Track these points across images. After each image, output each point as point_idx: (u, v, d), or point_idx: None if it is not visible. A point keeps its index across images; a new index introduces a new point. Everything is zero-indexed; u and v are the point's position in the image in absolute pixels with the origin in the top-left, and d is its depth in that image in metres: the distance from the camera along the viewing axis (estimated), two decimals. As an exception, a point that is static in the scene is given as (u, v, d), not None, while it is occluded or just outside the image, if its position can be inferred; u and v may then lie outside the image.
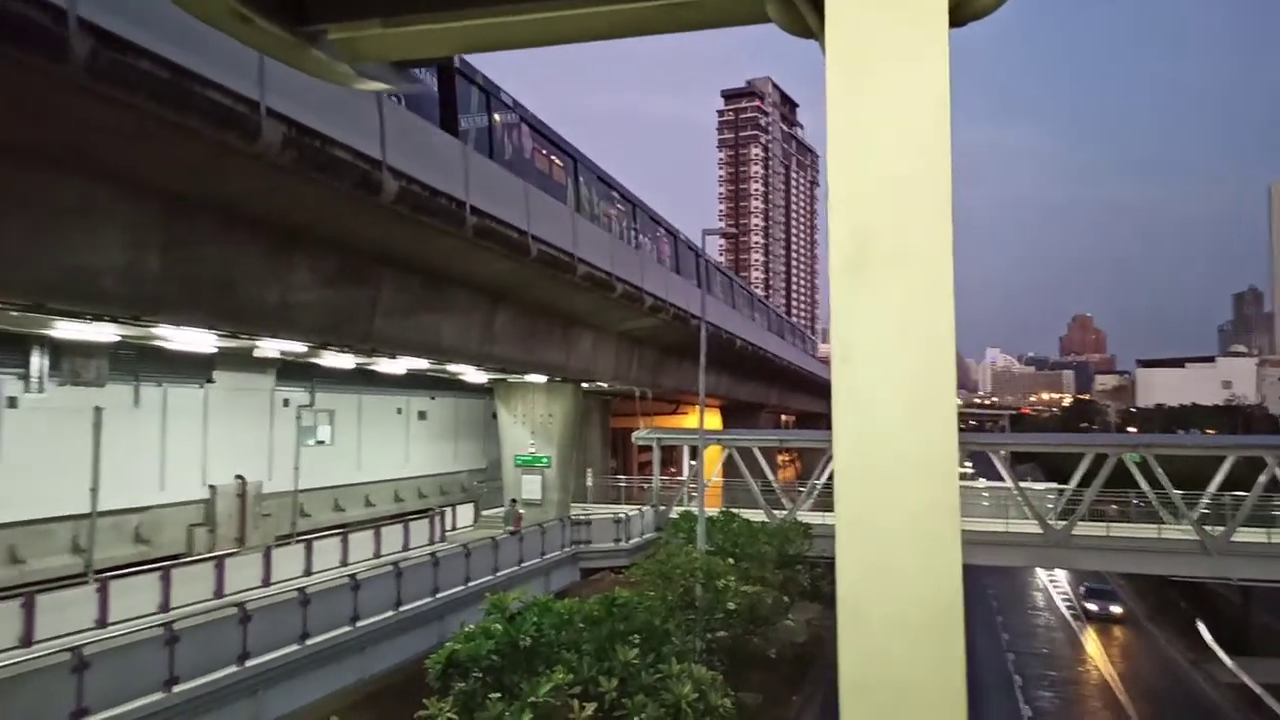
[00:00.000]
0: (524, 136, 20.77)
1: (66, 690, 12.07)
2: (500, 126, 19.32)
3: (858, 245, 1.42)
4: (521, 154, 20.55)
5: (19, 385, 19.48)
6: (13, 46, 7.97)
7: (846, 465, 1.41)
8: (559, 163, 22.95)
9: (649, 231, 29.97)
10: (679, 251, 33.45)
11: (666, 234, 32.62)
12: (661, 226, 31.89)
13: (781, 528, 28.14)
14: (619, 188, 27.39)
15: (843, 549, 1.41)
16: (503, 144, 19.47)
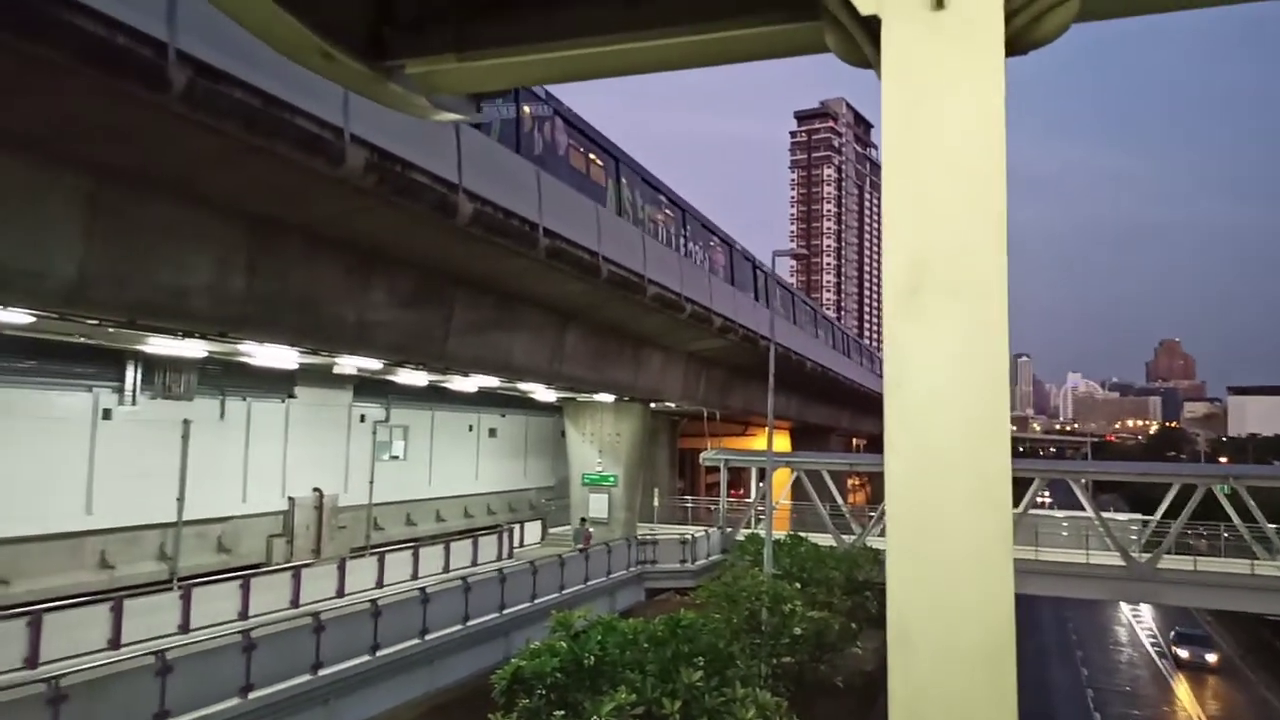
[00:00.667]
0: (557, 131, 18.86)
1: (151, 692, 12.54)
2: (529, 119, 17.52)
3: (912, 272, 1.44)
4: (554, 151, 18.54)
5: (113, 398, 20.42)
6: (116, 78, 8.45)
7: (898, 491, 1.43)
8: (597, 161, 20.89)
9: (700, 239, 27.95)
10: (734, 262, 31.44)
11: (721, 244, 30.48)
12: (716, 235, 29.97)
13: (850, 553, 27.65)
14: (666, 191, 25.82)
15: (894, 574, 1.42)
16: (531, 138, 17.51)
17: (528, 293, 19.49)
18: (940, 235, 1.47)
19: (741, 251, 32.54)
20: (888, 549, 1.45)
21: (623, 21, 2.01)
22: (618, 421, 30.77)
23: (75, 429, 19.71)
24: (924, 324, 1.45)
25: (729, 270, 30.43)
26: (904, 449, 1.43)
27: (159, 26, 8.72)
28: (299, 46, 1.91)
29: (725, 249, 30.72)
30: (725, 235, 30.85)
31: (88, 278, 10.71)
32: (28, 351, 18.50)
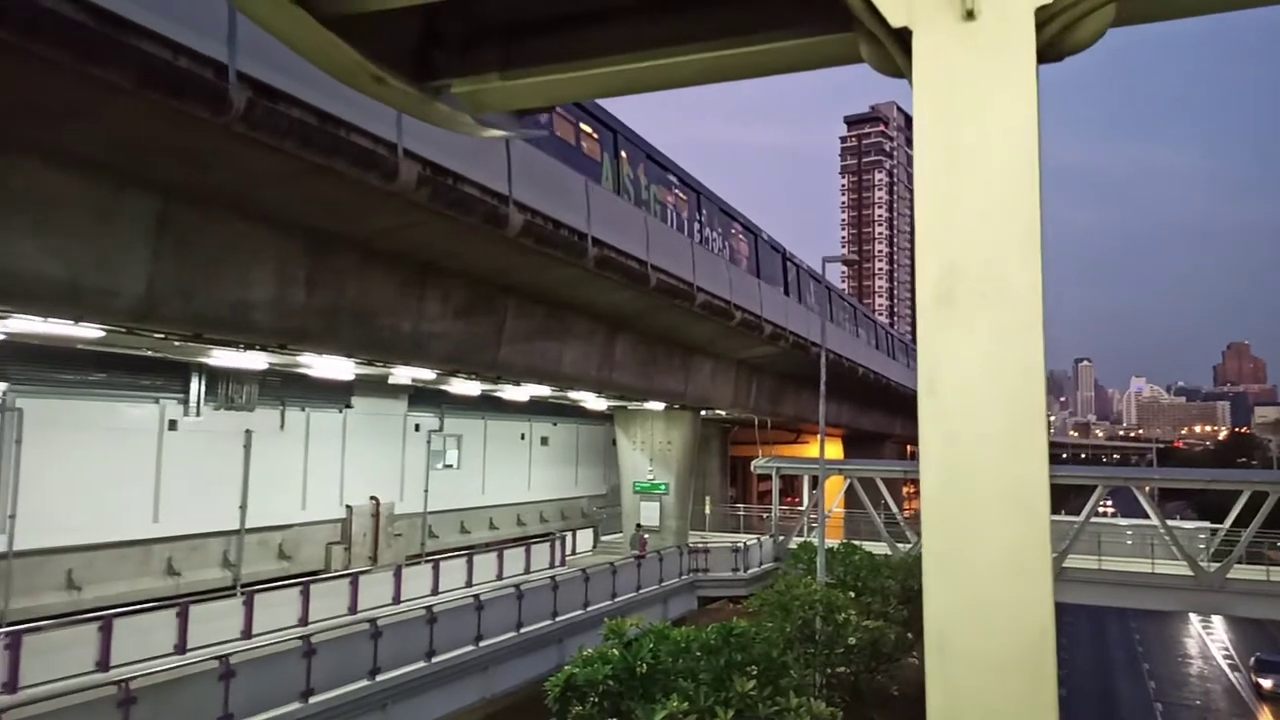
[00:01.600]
0: None
1: (214, 696, 12.89)
2: None
3: (946, 280, 1.45)
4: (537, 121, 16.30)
5: (179, 409, 21.07)
6: (179, 100, 8.75)
7: (933, 498, 1.44)
8: (594, 136, 19.02)
9: (718, 225, 25.13)
10: (759, 252, 28.21)
11: (744, 231, 27.46)
12: (737, 222, 26.93)
13: (905, 561, 27.23)
14: (676, 170, 23.38)
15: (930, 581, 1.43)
16: None
17: (577, 302, 19.64)
18: (973, 242, 1.48)
19: (769, 242, 29.80)
20: (923, 556, 1.46)
21: (660, 37, 2.06)
22: (668, 429, 30.79)
23: (143, 439, 20.37)
24: (957, 331, 1.46)
25: (753, 261, 27.69)
26: (938, 456, 1.45)
27: (220, 49, 9.02)
28: (352, 71, 1.99)
29: (749, 238, 27.93)
30: (748, 222, 28.18)
31: (156, 293, 11.09)
32: (98, 365, 19.19)
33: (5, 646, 13.12)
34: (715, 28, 2.00)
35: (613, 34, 2.09)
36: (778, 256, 30.45)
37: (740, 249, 26.91)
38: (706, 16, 2.01)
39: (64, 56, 7.71)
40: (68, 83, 8.08)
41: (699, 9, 2.02)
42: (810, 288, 33.91)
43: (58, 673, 13.38)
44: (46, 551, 18.03)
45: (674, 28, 2.04)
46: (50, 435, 18.34)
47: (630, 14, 2.07)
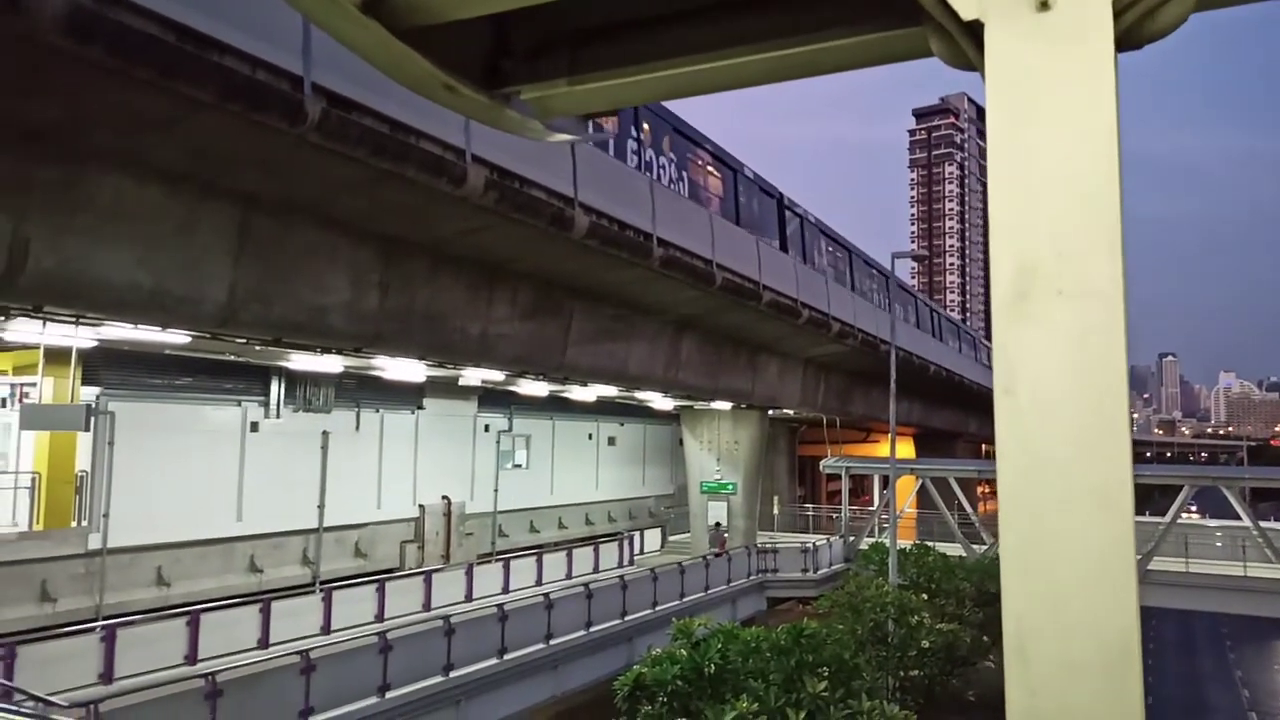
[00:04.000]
0: None
1: (296, 690, 13.27)
2: None
3: (1022, 277, 1.43)
4: None
5: (260, 412, 21.78)
6: (258, 112, 9.05)
7: (1012, 499, 1.41)
8: None
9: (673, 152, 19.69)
10: (739, 193, 22.76)
11: (715, 164, 22.05)
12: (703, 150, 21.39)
13: (981, 563, 26.63)
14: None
15: (1009, 584, 1.41)
16: None
17: (643, 302, 19.70)
18: (1050, 238, 1.45)
19: (753, 179, 23.65)
20: (1002, 558, 1.44)
21: (725, 38, 2.06)
22: (735, 429, 30.66)
23: (226, 441, 21.12)
24: (1034, 329, 1.43)
25: (731, 204, 21.95)
26: (1015, 457, 1.42)
27: (295, 61, 9.30)
28: (425, 81, 2.04)
29: (727, 174, 22.16)
30: (726, 155, 22.72)
31: (237, 300, 11.49)
32: (184, 369, 19.97)
33: (101, 639, 13.73)
34: (780, 27, 2.00)
35: (678, 36, 2.10)
36: (771, 203, 25.27)
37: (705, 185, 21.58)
38: (771, 16, 2.00)
39: (149, 73, 8.05)
40: (152, 98, 8.41)
41: (763, 9, 2.02)
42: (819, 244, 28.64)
43: (149, 665, 13.94)
44: (137, 549, 18.84)
45: (739, 28, 2.04)
46: (140, 438, 19.15)
47: (695, 16, 2.08)
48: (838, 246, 31.15)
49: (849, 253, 32.21)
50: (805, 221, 27.33)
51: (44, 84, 8.14)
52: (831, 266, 29.45)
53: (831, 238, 30.31)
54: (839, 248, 31.32)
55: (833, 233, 30.65)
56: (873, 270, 35.41)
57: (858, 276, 32.63)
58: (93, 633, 14.20)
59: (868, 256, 34.79)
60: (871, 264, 35.38)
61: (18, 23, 6.98)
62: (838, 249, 31.12)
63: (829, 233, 30.14)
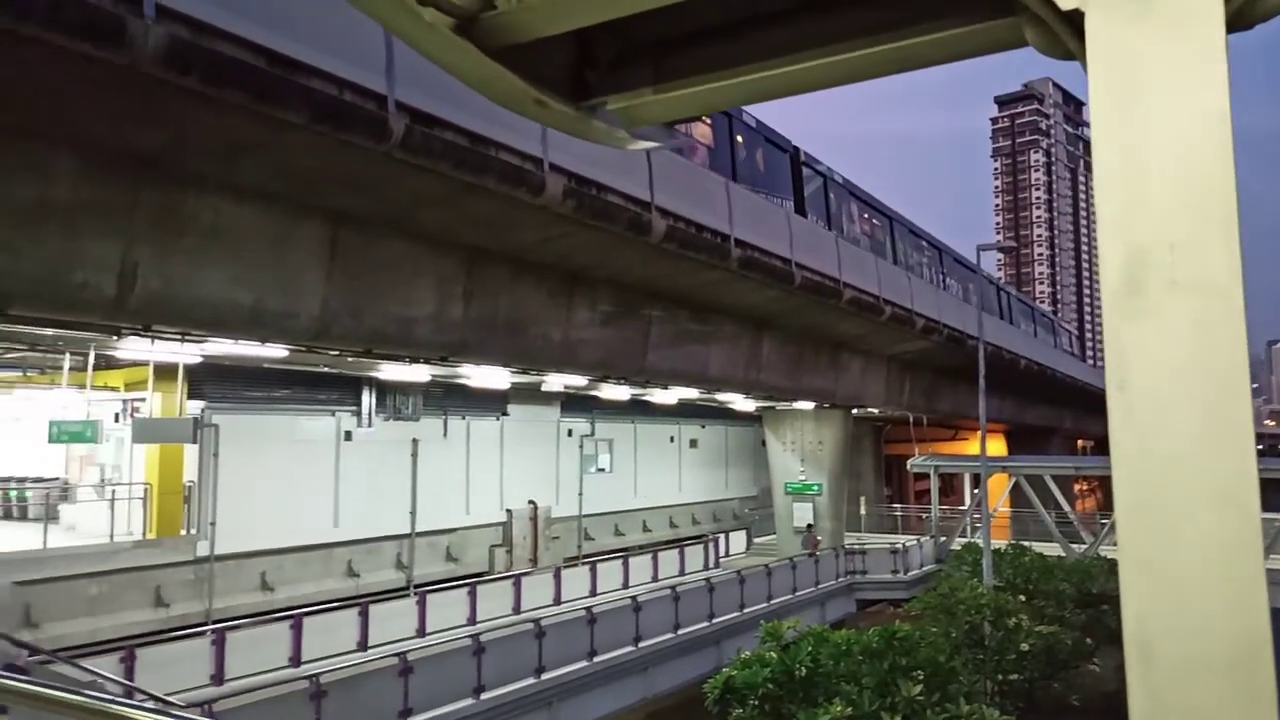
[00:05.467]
0: None
1: (395, 691, 13.65)
2: None
3: (1132, 269, 1.39)
4: None
5: (352, 421, 22.49)
6: (345, 131, 9.37)
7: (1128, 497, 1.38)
8: None
9: None
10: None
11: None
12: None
13: (1081, 563, 25.69)
14: None
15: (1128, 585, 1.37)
16: None
17: (722, 304, 19.65)
18: (1161, 229, 1.41)
19: (756, 128, 20.56)
20: (1119, 559, 1.40)
21: (811, 38, 2.05)
22: (819, 429, 30.30)
23: (322, 450, 21.88)
24: (1147, 322, 1.39)
25: (725, 159, 18.59)
26: (1131, 454, 1.38)
27: (379, 80, 9.60)
28: (517, 98, 2.10)
29: (719, 121, 18.69)
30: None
31: (329, 313, 11.90)
32: (281, 382, 20.76)
33: (212, 643, 14.37)
34: (865, 25, 1.98)
35: (762, 39, 2.10)
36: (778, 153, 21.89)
37: None
38: (856, 15, 1.99)
39: (243, 98, 8.41)
40: (246, 122, 8.78)
41: (848, 8, 2.00)
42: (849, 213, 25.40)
43: (257, 667, 14.52)
44: (242, 555, 19.65)
45: (824, 28, 2.03)
46: (242, 448, 19.99)
47: (779, 17, 2.08)
48: (875, 214, 27.48)
49: (890, 220, 28.41)
50: (830, 182, 23.80)
51: (149, 113, 8.60)
52: (867, 236, 26.11)
53: (866, 202, 26.85)
54: (877, 215, 27.63)
55: (868, 197, 27.15)
56: (921, 242, 31.57)
57: (903, 248, 28.92)
58: (204, 636, 14.87)
59: (915, 226, 31.07)
60: (920, 234, 31.43)
61: (122, 56, 7.38)
62: (875, 216, 27.47)
63: (863, 197, 26.62)
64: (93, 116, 8.57)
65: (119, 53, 7.28)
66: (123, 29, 7.25)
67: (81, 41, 7.11)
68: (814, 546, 28.28)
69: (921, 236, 31.69)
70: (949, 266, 33.88)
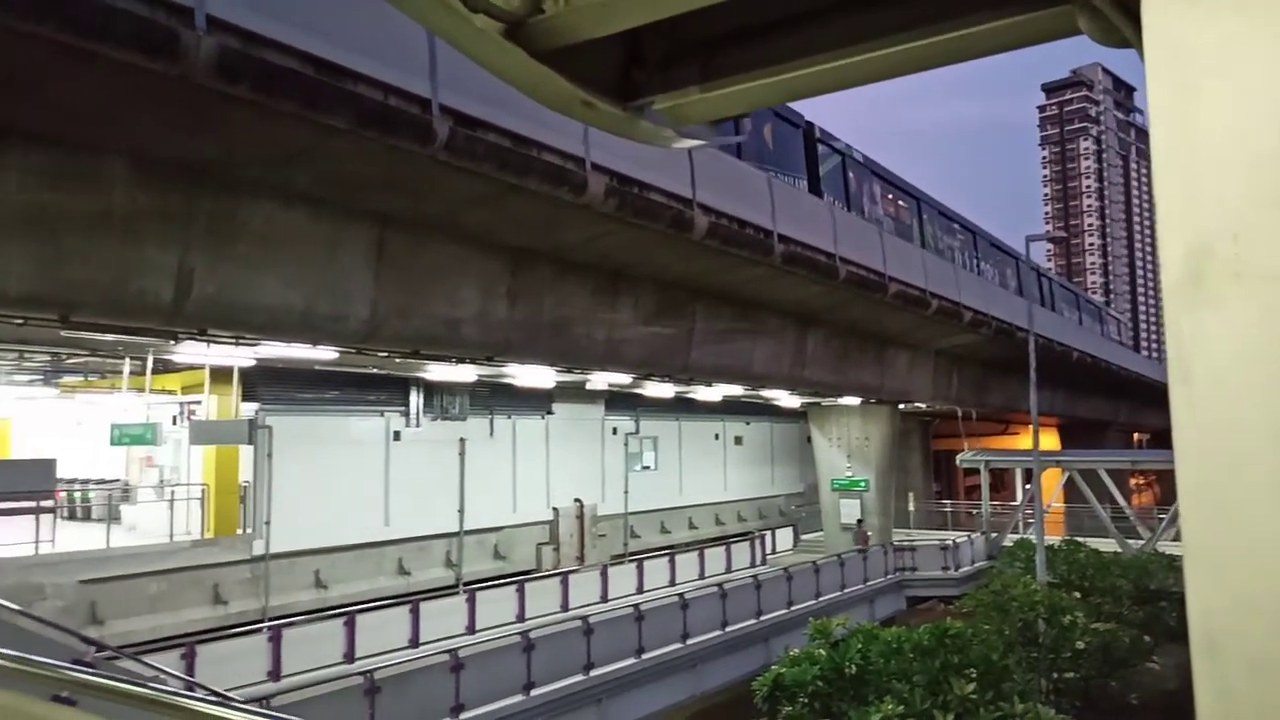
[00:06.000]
0: None
1: (447, 687, 13.82)
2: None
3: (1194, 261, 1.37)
4: None
5: (401, 421, 22.81)
6: (392, 135, 9.51)
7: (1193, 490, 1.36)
8: None
9: None
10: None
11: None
12: None
13: (1139, 559, 25.12)
14: None
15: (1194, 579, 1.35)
16: None
17: (765, 300, 19.55)
18: (1224, 219, 1.38)
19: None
20: (1184, 555, 1.38)
21: (859, 33, 2.04)
22: (865, 424, 30.00)
23: (372, 450, 22.22)
24: (1211, 314, 1.37)
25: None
26: (1196, 448, 1.36)
27: (423, 84, 9.72)
28: (566, 100, 2.12)
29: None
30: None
31: (378, 315, 12.09)
32: (331, 384, 21.13)
33: (269, 639, 14.68)
34: (915, 17, 1.96)
35: (811, 35, 2.09)
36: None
37: None
38: (907, 7, 1.97)
39: (292, 106, 8.58)
40: (296, 128, 8.96)
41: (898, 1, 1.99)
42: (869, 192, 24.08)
43: (312, 663, 14.80)
44: (296, 554, 20.04)
45: (873, 22, 2.02)
46: (294, 449, 20.38)
47: (828, 13, 2.07)
48: (901, 194, 25.90)
49: (917, 201, 26.86)
50: (849, 160, 22.54)
51: (202, 122, 8.81)
52: (891, 218, 24.45)
53: (890, 182, 25.21)
54: (903, 196, 26.05)
55: (893, 177, 25.54)
56: (953, 225, 29.91)
57: (932, 231, 27.24)
58: (260, 633, 15.20)
59: (946, 208, 29.52)
60: (951, 216, 29.75)
61: (175, 67, 7.57)
62: (901, 197, 25.87)
63: (887, 176, 25.03)
64: (149, 127, 8.81)
65: (173, 64, 7.47)
66: (176, 40, 7.44)
67: (135, 53, 7.30)
68: (864, 542, 28.05)
69: (953, 219, 30.07)
70: (984, 251, 32.23)
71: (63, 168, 8.77)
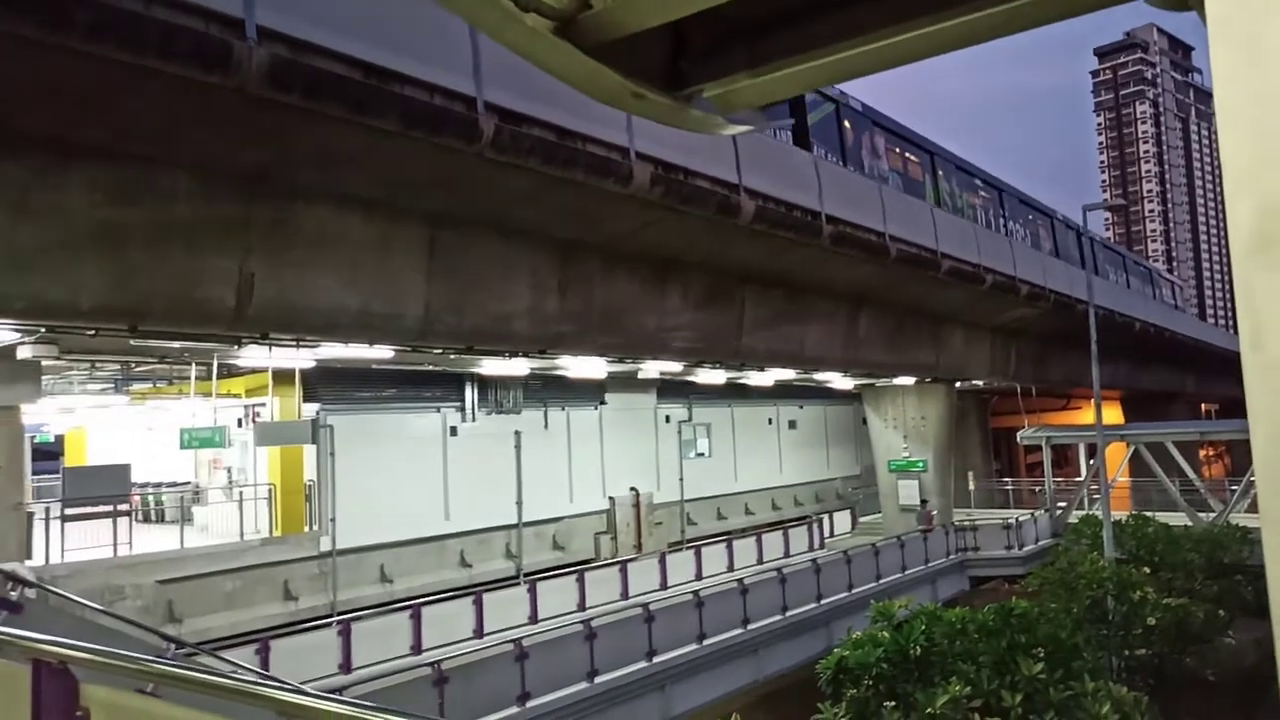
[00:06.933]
0: None
1: (512, 676, 14.04)
2: None
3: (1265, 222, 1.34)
4: None
5: (457, 416, 23.13)
6: (439, 135, 9.63)
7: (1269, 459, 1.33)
8: None
9: None
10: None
11: None
12: None
13: (1210, 532, 24.43)
14: None
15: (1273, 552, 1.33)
16: None
17: (815, 282, 19.40)
18: (1296, 177, 1.35)
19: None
20: (1262, 525, 1.36)
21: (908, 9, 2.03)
22: (921, 404, 29.61)
23: (429, 445, 22.59)
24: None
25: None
26: (1270, 415, 1.34)
27: (468, 83, 9.83)
28: (615, 93, 2.14)
29: None
30: None
31: (431, 313, 12.28)
32: (388, 381, 21.51)
33: (339, 633, 15.05)
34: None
35: (858, 14, 2.08)
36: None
37: None
38: (957, -20, 1.95)
39: (342, 110, 8.75)
40: (346, 132, 9.14)
41: None
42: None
43: (381, 655, 15.14)
44: (362, 549, 20.49)
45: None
46: (355, 447, 20.81)
47: (876, -9, 2.06)
48: (910, 147, 23.43)
49: (930, 156, 24.15)
50: (844, 109, 20.29)
51: (256, 131, 9.03)
52: (899, 173, 22.05)
53: (896, 134, 22.71)
54: (913, 149, 23.60)
55: (900, 128, 22.97)
56: (975, 180, 27.04)
57: (948, 188, 24.46)
58: (330, 627, 15.59)
59: (965, 162, 26.65)
60: (972, 171, 26.92)
61: (230, 79, 7.77)
62: (911, 150, 23.46)
63: (892, 128, 22.45)
64: (207, 138, 9.06)
65: (228, 76, 7.67)
66: (229, 53, 7.63)
67: (194, 68, 7.51)
68: (929, 522, 27.74)
69: (974, 174, 27.32)
70: (1012, 210, 29.38)
71: (127, 183, 9.06)
